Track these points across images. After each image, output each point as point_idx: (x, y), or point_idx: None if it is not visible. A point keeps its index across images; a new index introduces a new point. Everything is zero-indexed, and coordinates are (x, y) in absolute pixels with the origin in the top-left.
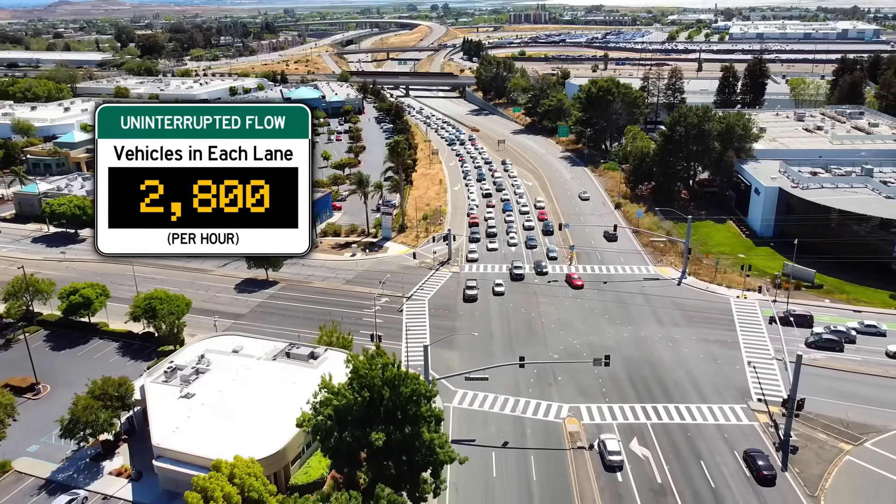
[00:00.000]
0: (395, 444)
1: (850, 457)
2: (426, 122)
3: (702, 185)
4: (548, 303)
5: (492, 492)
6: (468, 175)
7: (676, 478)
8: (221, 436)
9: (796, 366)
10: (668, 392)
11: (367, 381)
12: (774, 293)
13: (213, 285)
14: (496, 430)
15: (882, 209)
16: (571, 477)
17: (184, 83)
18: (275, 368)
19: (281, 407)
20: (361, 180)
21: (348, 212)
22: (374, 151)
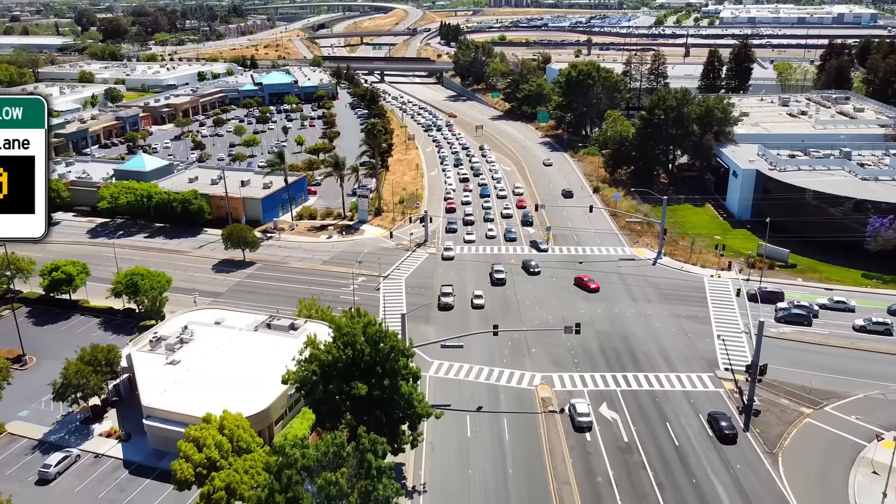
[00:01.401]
0: (375, 398)
1: (809, 419)
2: (402, 108)
3: (681, 170)
4: (524, 281)
5: (466, 450)
6: (445, 160)
7: (642, 437)
8: (208, 397)
9: (758, 331)
10: (638, 362)
11: (349, 339)
12: (748, 272)
13: (190, 265)
14: (471, 396)
15: (857, 191)
16: (542, 437)
17: (150, 68)
18: (256, 338)
19: (263, 373)
20: (338, 163)
21: (323, 196)
22: (349, 137)
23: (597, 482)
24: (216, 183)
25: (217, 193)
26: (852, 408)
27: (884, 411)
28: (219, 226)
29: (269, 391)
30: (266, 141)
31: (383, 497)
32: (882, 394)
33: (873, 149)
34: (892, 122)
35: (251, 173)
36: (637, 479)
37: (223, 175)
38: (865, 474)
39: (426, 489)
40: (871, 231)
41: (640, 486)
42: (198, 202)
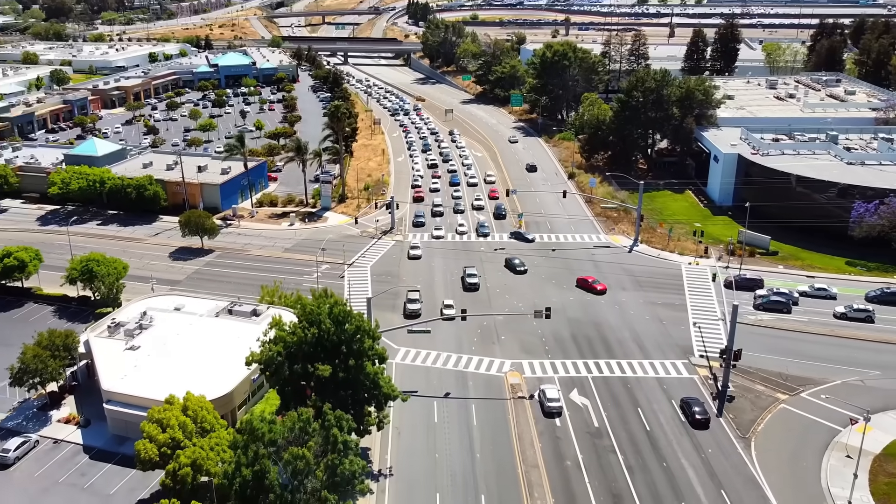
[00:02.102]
0: (340, 379)
1: (784, 405)
2: (367, 91)
3: (660, 155)
4: (494, 269)
5: (433, 434)
6: (413, 146)
7: (613, 422)
8: (170, 381)
9: (732, 316)
10: (611, 349)
11: (314, 318)
12: (727, 260)
13: (146, 253)
14: (438, 383)
15: (842, 175)
16: (511, 422)
17: (98, 49)
18: (218, 324)
19: (225, 358)
20: (300, 147)
21: (284, 182)
22: (311, 122)
23: (566, 466)
24: (172, 168)
25: (173, 179)
26: (828, 394)
27: (861, 397)
28: (175, 213)
29: (232, 375)
30: (223, 125)
31: (349, 472)
32: (860, 380)
33: (862, 133)
34: (884, 105)
35: (208, 158)
36: (606, 462)
37: (180, 160)
38: (839, 458)
39: (392, 472)
40: (855, 217)
41: (609, 469)
42: (153, 188)
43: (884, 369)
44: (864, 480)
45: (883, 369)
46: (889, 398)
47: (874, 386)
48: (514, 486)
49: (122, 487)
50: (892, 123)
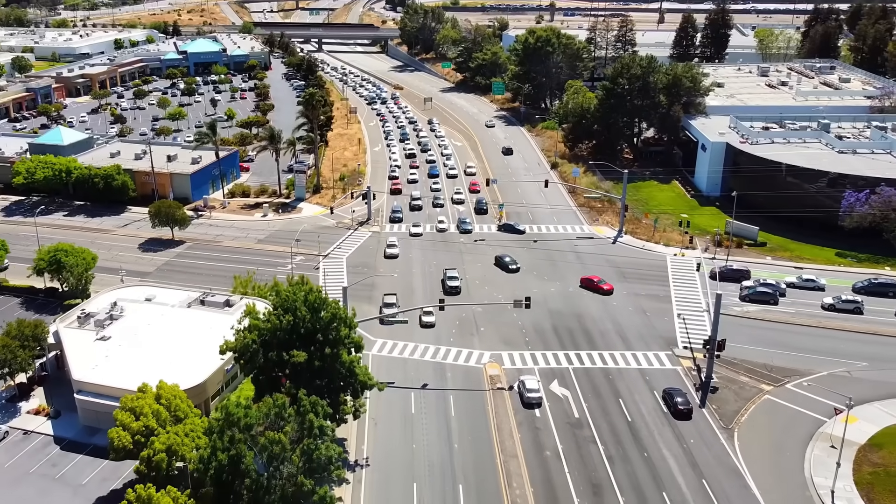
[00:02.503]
0: (315, 367)
1: (769, 396)
2: (342, 79)
3: (647, 144)
4: (473, 260)
5: (410, 425)
6: (390, 135)
7: (594, 413)
8: (142, 371)
9: (716, 305)
10: (593, 341)
11: (289, 305)
12: (714, 251)
13: (115, 245)
14: (415, 374)
15: (833, 164)
16: (490, 413)
17: (61, 35)
18: (190, 315)
19: (198, 348)
20: (273, 135)
21: (257, 172)
22: (285, 110)
23: (545, 456)
24: (141, 158)
25: (142, 169)
26: (814, 385)
27: (848, 389)
28: (144, 204)
29: (205, 365)
30: (193, 114)
31: (325, 457)
32: (847, 371)
33: (855, 121)
34: (879, 92)
35: (178, 148)
36: (587, 452)
37: (149, 149)
38: (823, 448)
39: (369, 463)
40: (845, 207)
41: (589, 459)
42: (121, 178)
43: (871, 360)
44: (848, 470)
45: (870, 360)
46: (876, 389)
47: (861, 377)
48: (493, 476)
49: (94, 478)
50: (887, 112)
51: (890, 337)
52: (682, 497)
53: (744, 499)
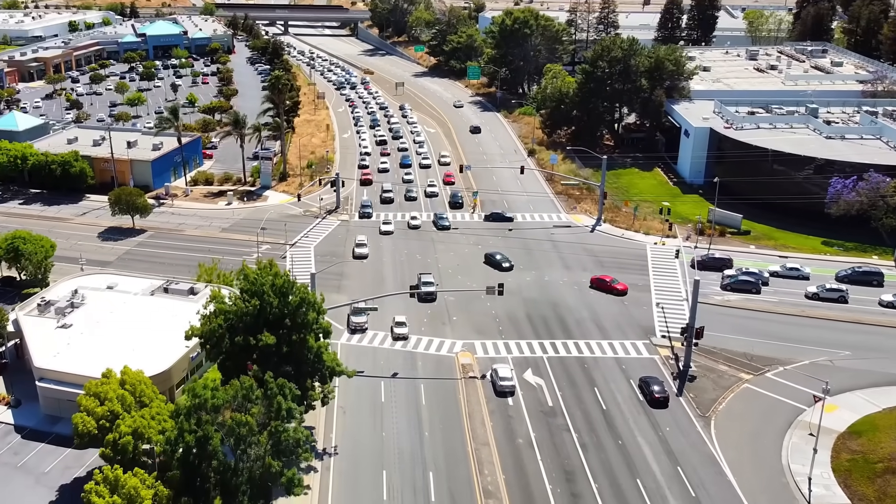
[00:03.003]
0: (283, 352)
1: (748, 385)
2: (310, 63)
3: (628, 130)
4: (445, 249)
5: (379, 414)
6: (360, 121)
7: (568, 401)
8: (105, 359)
9: (694, 291)
10: (568, 329)
11: (256, 289)
12: (696, 239)
13: (73, 234)
14: (385, 363)
15: (820, 150)
16: (461, 402)
17: (12, 17)
18: (153, 303)
19: (162, 336)
20: (238, 120)
21: (221, 159)
22: (249, 96)
23: (517, 444)
24: (99, 144)
25: (101, 155)
26: (794, 374)
27: (830, 378)
28: (103, 192)
29: (170, 353)
30: (152, 100)
31: (293, 439)
32: (829, 360)
33: (845, 106)
34: (872, 77)
35: (139, 134)
36: (560, 440)
37: (108, 135)
38: (802, 436)
39: (337, 451)
40: (832, 194)
41: (562, 447)
42: (79, 164)
43: (854, 349)
44: (826, 457)
45: (853, 349)
46: (858, 378)
47: (843, 366)
48: (464, 464)
49: (56, 466)
50: (880, 96)
51: (873, 326)
52: (657, 484)
53: (719, 486)
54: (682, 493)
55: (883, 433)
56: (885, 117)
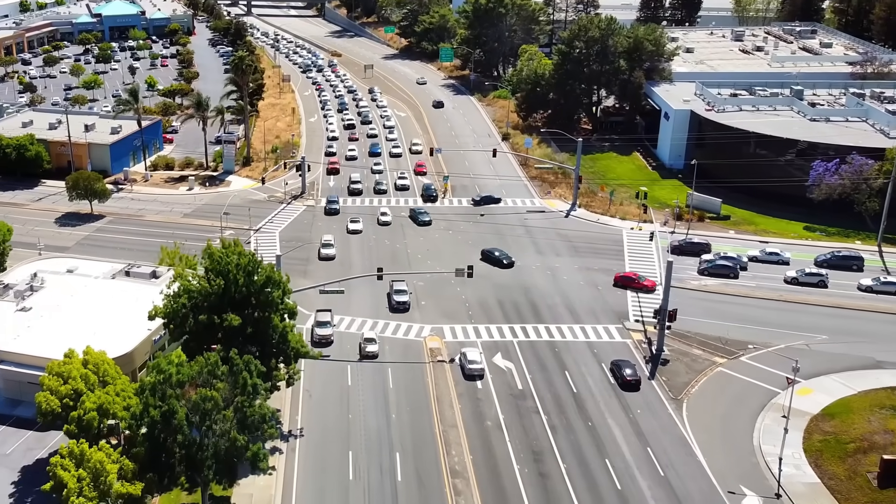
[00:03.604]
0: (248, 332)
1: (722, 368)
2: (274, 45)
3: (607, 114)
4: (415, 234)
5: (346, 397)
6: (327, 104)
7: (538, 384)
8: (66, 341)
9: (667, 273)
10: (539, 314)
11: (221, 268)
12: (674, 224)
13: (29, 219)
14: (352, 348)
15: (804, 133)
16: (429, 385)
17: None
18: (115, 286)
19: (124, 318)
20: (200, 102)
21: (182, 144)
22: (211, 79)
23: (486, 425)
24: (56, 127)
25: (57, 139)
26: (769, 357)
27: (806, 361)
28: (59, 177)
29: (133, 335)
30: (109, 83)
31: (259, 414)
32: (806, 344)
33: (831, 87)
34: (861, 58)
35: (96, 117)
36: (529, 422)
37: (66, 118)
38: (774, 418)
39: (303, 434)
40: (814, 177)
41: (531, 429)
42: (35, 148)
43: (832, 333)
44: (798, 438)
45: (831, 333)
46: (834, 362)
47: (820, 350)
48: (431, 445)
49: (18, 447)
50: (869, 78)
51: (851, 310)
52: (626, 464)
53: (689, 466)
54: (652, 473)
55: (856, 415)
56: (873, 99)
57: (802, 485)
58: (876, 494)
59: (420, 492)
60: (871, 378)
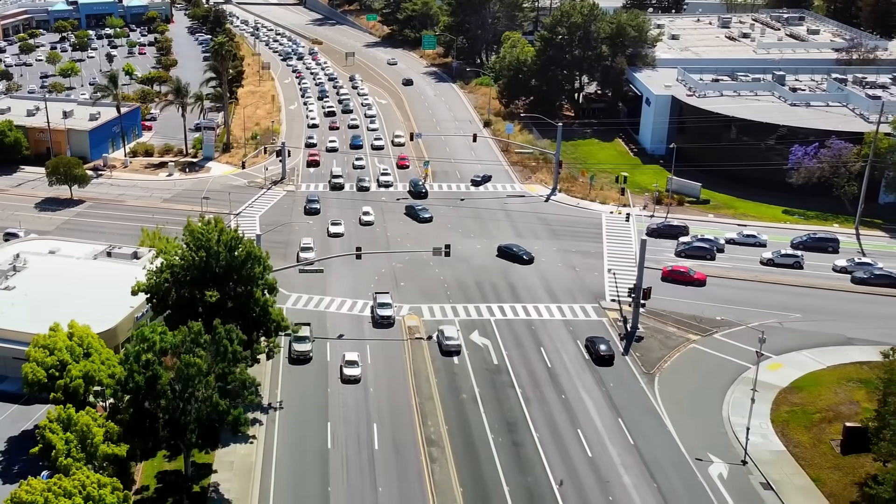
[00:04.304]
0: (229, 306)
1: (695, 345)
2: (254, 33)
3: (589, 100)
4: (395, 218)
5: (324, 371)
6: (307, 92)
7: (513, 360)
8: (50, 318)
9: (641, 251)
10: (517, 294)
11: (203, 243)
12: (653, 209)
13: (9, 204)
14: (332, 326)
15: (784, 117)
16: (407, 360)
17: None
18: (97, 266)
19: (107, 297)
20: (179, 89)
21: (161, 131)
22: (190, 67)
23: (461, 398)
24: (34, 114)
25: (36, 126)
26: (743, 335)
27: (779, 338)
28: (38, 163)
29: (116, 311)
30: (86, 71)
31: (240, 380)
32: (779, 322)
33: (814, 73)
34: (847, 44)
35: (74, 104)
36: (504, 395)
37: (45, 105)
38: (744, 391)
39: (282, 406)
40: (793, 161)
41: (506, 401)
42: (13, 134)
43: (805, 312)
44: (766, 410)
45: (804, 312)
46: (805, 338)
47: (793, 327)
48: (408, 417)
49: (4, 420)
50: (855, 64)
51: (825, 290)
52: (597, 434)
53: (659, 435)
54: (622, 442)
55: (824, 388)
56: (855, 84)
57: (768, 452)
58: (839, 460)
59: (397, 460)
60: (841, 354)
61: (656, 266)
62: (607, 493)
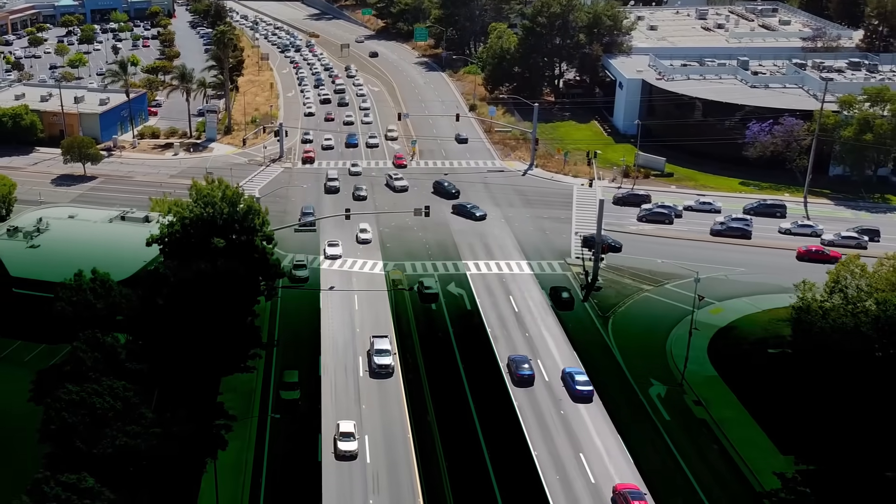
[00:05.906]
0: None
1: (648, 294)
2: (253, 27)
3: (568, 87)
4: (381, 189)
5: (316, 316)
6: (304, 81)
7: (485, 306)
8: (74, 268)
9: (599, 210)
10: (491, 252)
11: (209, 199)
12: (621, 181)
13: (27, 180)
14: (323, 280)
15: (743, 97)
16: (390, 307)
17: None
18: (113, 228)
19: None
20: (184, 74)
21: (166, 116)
22: (192, 59)
23: (438, 336)
24: (47, 100)
25: (49, 110)
26: (691, 286)
27: (723, 288)
28: (52, 144)
29: (132, 264)
30: (93, 63)
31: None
32: (724, 275)
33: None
34: (812, 34)
35: (85, 90)
36: (474, 333)
37: (59, 91)
38: (686, 330)
39: (279, 343)
40: (749, 137)
41: (476, 338)
42: (30, 117)
43: (749, 267)
44: (704, 344)
45: (748, 266)
46: (746, 288)
47: (736, 279)
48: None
49: (33, 357)
50: (820, 52)
51: (769, 249)
52: (555, 364)
53: (608, 365)
54: None
55: (756, 326)
56: (813, 69)
57: (703, 377)
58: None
59: (378, 384)
60: (777, 300)
61: (620, 230)
62: (560, 409)
